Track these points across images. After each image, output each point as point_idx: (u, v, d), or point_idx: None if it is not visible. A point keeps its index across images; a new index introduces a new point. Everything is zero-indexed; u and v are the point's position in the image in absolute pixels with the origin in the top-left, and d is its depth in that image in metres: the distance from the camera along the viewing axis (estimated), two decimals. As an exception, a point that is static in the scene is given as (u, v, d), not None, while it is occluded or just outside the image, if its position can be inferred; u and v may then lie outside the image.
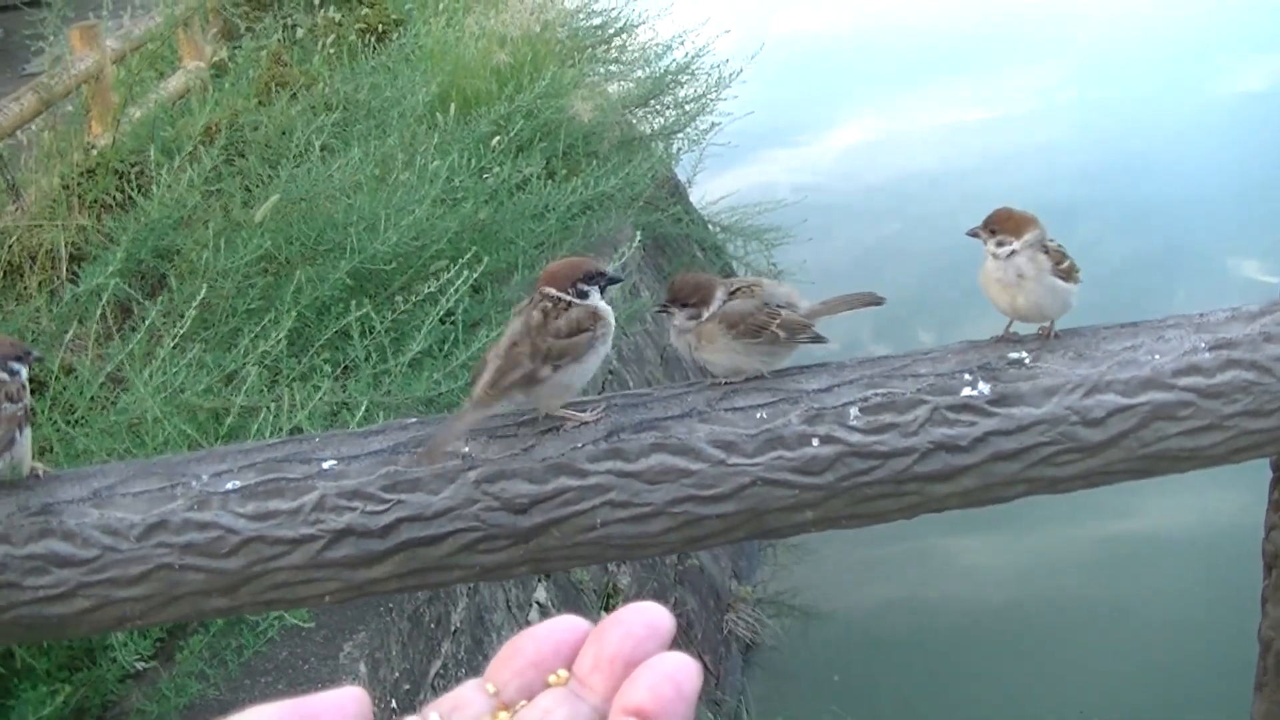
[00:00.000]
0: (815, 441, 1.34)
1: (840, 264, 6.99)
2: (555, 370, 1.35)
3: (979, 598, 4.54)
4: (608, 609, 3.78)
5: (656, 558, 4.06)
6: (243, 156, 3.78)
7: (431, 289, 2.97)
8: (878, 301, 1.52)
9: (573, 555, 1.32)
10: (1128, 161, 8.25)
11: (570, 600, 3.64)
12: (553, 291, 1.35)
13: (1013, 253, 1.44)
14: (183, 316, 2.69)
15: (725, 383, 1.43)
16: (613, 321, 1.36)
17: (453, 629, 3.00)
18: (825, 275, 6.42)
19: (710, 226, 6.41)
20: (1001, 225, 1.46)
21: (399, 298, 3.04)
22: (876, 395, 1.37)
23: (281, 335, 2.71)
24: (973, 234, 1.47)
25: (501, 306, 3.54)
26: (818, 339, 1.48)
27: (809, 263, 6.10)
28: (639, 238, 3.74)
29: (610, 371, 4.30)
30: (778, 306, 1.48)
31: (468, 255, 3.01)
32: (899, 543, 4.57)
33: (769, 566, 4.89)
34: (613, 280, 1.34)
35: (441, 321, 3.10)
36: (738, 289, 1.48)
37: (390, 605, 2.67)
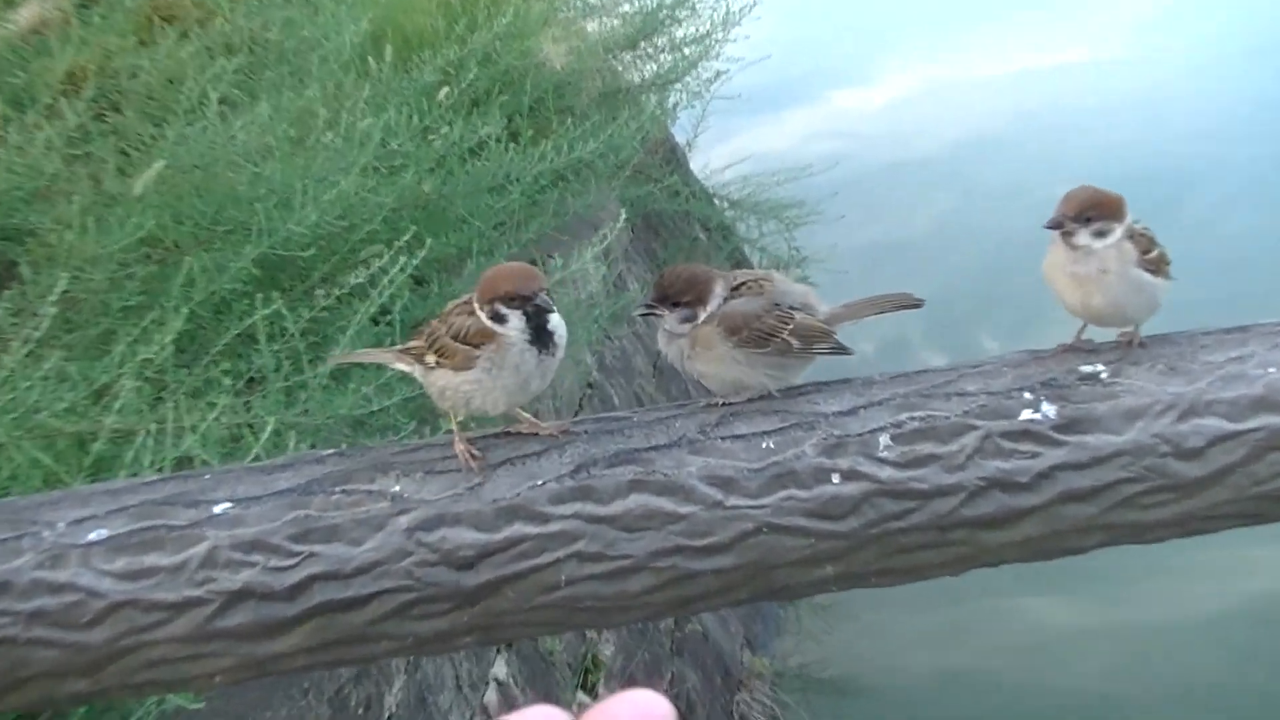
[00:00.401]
0: (836, 477, 1.35)
1: (880, 249, 7.04)
2: (434, 366, 1.45)
3: (1059, 676, 4.52)
4: (586, 688, 3.78)
5: (644, 623, 4.07)
6: (118, 111, 3.78)
7: (361, 280, 2.98)
8: (915, 304, 1.53)
9: (531, 622, 1.33)
10: (1252, 117, 8.02)
11: (539, 676, 3.65)
12: (466, 306, 1.45)
13: (1110, 243, 1.44)
14: (38, 315, 2.69)
15: (724, 402, 1.45)
16: (516, 356, 1.41)
17: (387, 715, 3.00)
18: (861, 263, 6.47)
19: (716, 202, 6.44)
20: (1098, 209, 1.44)
21: (319, 292, 3.05)
22: (913, 419, 1.39)
23: (167, 340, 2.71)
24: (1055, 225, 1.45)
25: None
26: (840, 350, 1.51)
27: (840, 248, 6.15)
28: (625, 216, 3.76)
29: (589, 385, 4.32)
30: (790, 308, 1.49)
31: (407, 238, 3.03)
32: (956, 604, 4.59)
33: (790, 634, 4.90)
34: (539, 310, 1.37)
35: (374, 322, 3.11)
36: (742, 284, 1.50)
37: (306, 685, 2.68)
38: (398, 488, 1.35)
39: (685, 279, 1.49)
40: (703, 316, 1.48)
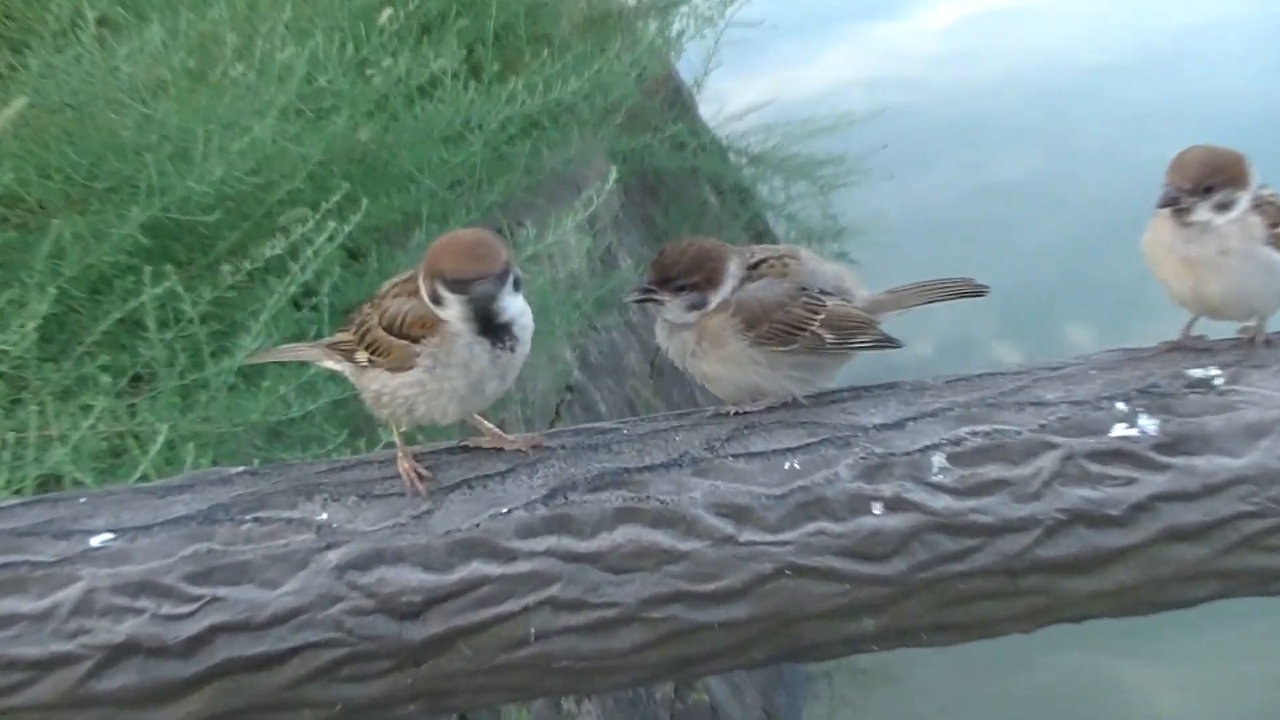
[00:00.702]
0: (878, 507, 1.37)
1: (939, 216, 7.05)
2: (366, 365, 1.47)
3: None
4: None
5: (635, 689, 4.09)
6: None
7: (279, 252, 2.97)
8: (977, 292, 1.55)
9: (492, 686, 1.34)
10: None
11: (498, 758, 3.65)
12: (407, 286, 1.46)
13: (1233, 216, 1.43)
14: None
15: (737, 411, 1.47)
16: (464, 351, 1.41)
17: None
18: (913, 237, 6.48)
19: (731, 157, 6.45)
20: (1219, 175, 1.44)
21: (226, 267, 3.04)
22: (975, 435, 1.40)
23: (29, 326, 2.71)
24: (1170, 202, 1.44)
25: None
26: (884, 343, 1.52)
27: (888, 216, 6.17)
28: (616, 175, 3.77)
29: (569, 388, 4.33)
30: (821, 293, 1.51)
31: (337, 199, 3.03)
32: (1027, 668, 4.61)
33: (822, 701, 4.92)
34: (483, 296, 1.37)
35: (295, 306, 3.12)
36: (761, 262, 1.52)
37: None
38: (325, 515, 1.35)
39: (692, 256, 1.50)
40: (713, 303, 1.49)
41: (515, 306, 1.43)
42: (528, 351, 1.48)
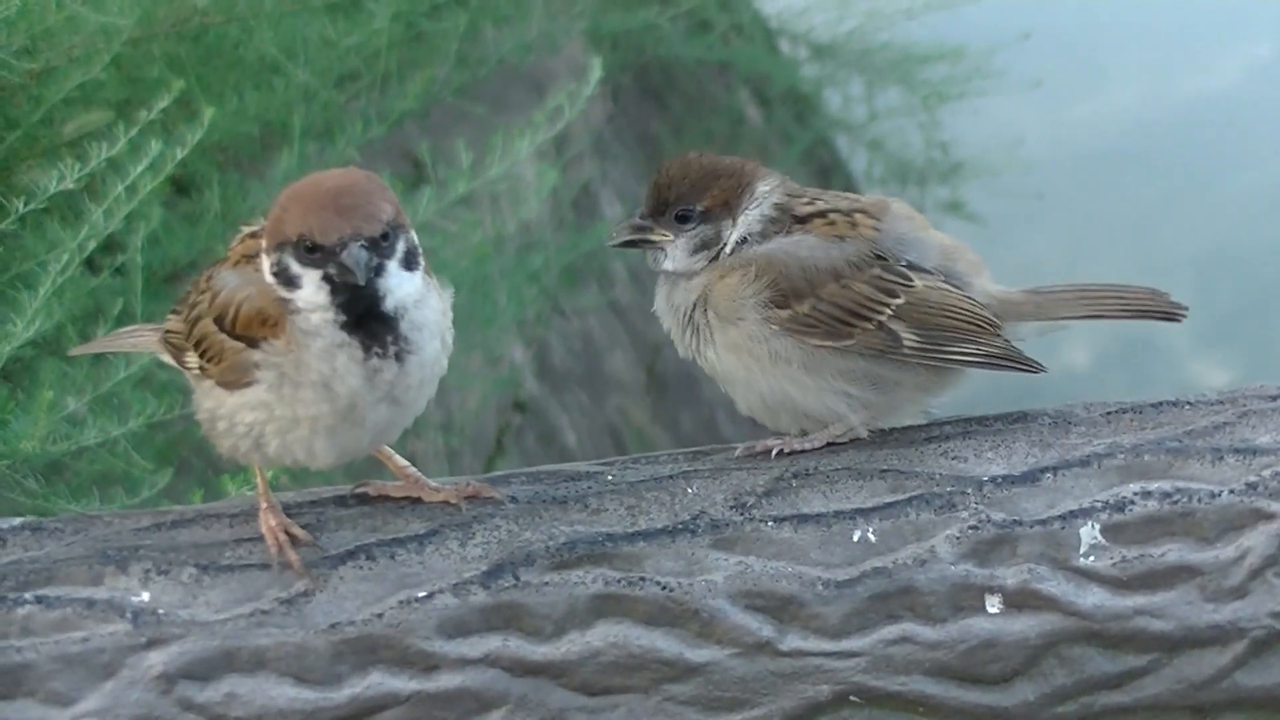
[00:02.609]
0: (994, 604, 1.41)
1: (1110, 151, 6.99)
2: (199, 372, 1.50)
3: None
4: None
5: None
6: None
7: (68, 184, 2.98)
8: (1173, 315, 1.61)
9: None
10: None
11: None
12: (258, 244, 1.50)
13: None
14: None
15: (781, 449, 1.52)
16: (321, 359, 1.43)
17: None
18: (1072, 180, 6.44)
19: (784, 45, 6.41)
20: None
21: (-17, 203, 3.06)
22: (1148, 497, 1.44)
23: None
24: None
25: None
26: (1008, 361, 1.57)
27: (1033, 146, 6.13)
28: (600, 70, 3.78)
29: (518, 406, 4.31)
30: (909, 267, 1.57)
31: (165, 104, 3.04)
32: None
33: None
34: (350, 267, 1.38)
35: (90, 268, 3.13)
36: (818, 215, 1.58)
37: None
38: (145, 596, 1.39)
39: (701, 169, 1.58)
40: (730, 241, 1.55)
41: (406, 288, 1.44)
42: (434, 361, 1.50)
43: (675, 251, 1.55)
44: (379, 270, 1.41)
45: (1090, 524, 1.44)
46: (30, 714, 1.35)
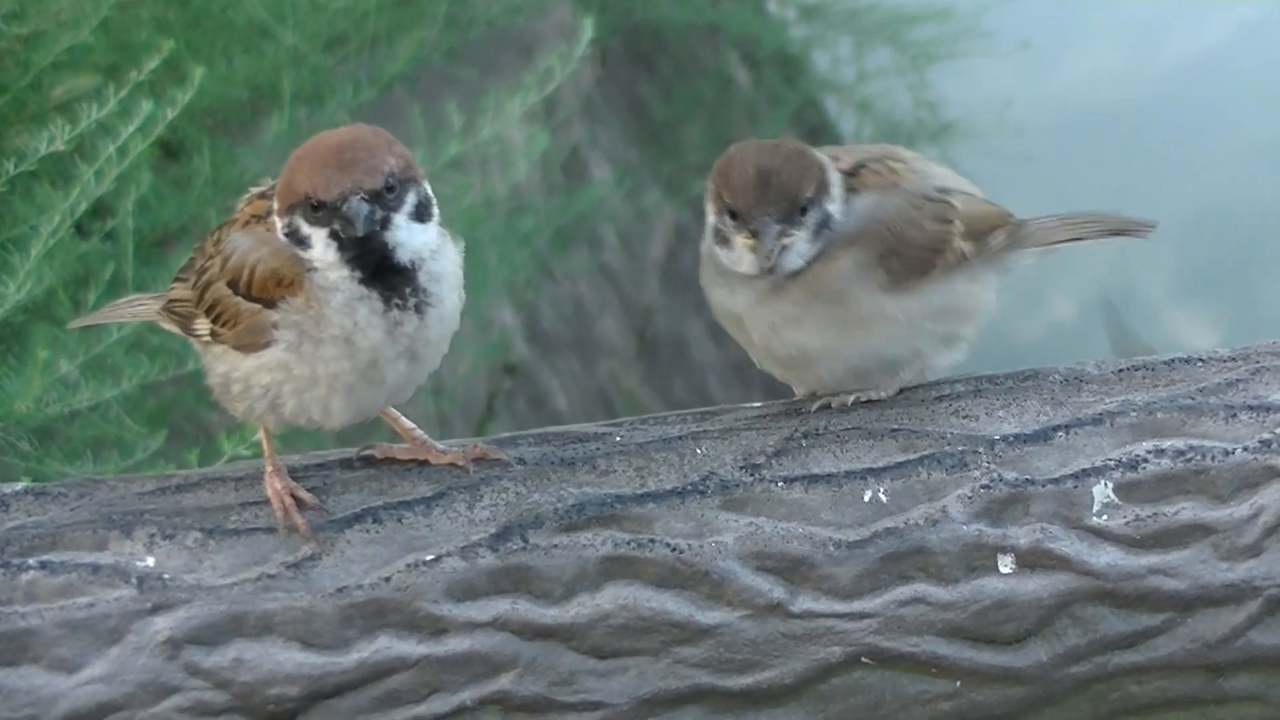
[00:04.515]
0: (1007, 563, 1.41)
1: (1096, 109, 7.00)
2: (209, 339, 1.49)
3: None
4: None
5: None
6: None
7: (58, 146, 2.97)
8: (1136, 230, 1.65)
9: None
10: None
11: None
12: (266, 204, 1.49)
13: None
14: None
15: (824, 404, 1.53)
16: (342, 314, 1.42)
17: None
18: (1059, 139, 6.44)
19: (773, 6, 6.40)
20: None
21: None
22: (1160, 455, 1.44)
23: None
24: None
25: (232, 200, 3.56)
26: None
27: (1022, 106, 6.12)
28: (590, 32, 3.77)
29: (509, 370, 4.31)
30: (941, 191, 1.59)
31: (153, 65, 3.02)
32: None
33: None
34: (356, 220, 1.37)
35: (80, 232, 3.12)
36: (861, 167, 1.59)
37: None
38: (150, 561, 1.38)
39: (795, 155, 1.55)
40: (837, 217, 1.55)
41: (419, 240, 1.44)
42: (452, 316, 1.50)
43: (800, 246, 1.53)
44: (385, 223, 1.40)
45: (1103, 482, 1.44)
46: (35, 680, 1.34)
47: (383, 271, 1.42)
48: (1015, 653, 1.41)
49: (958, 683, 1.41)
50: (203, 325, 1.51)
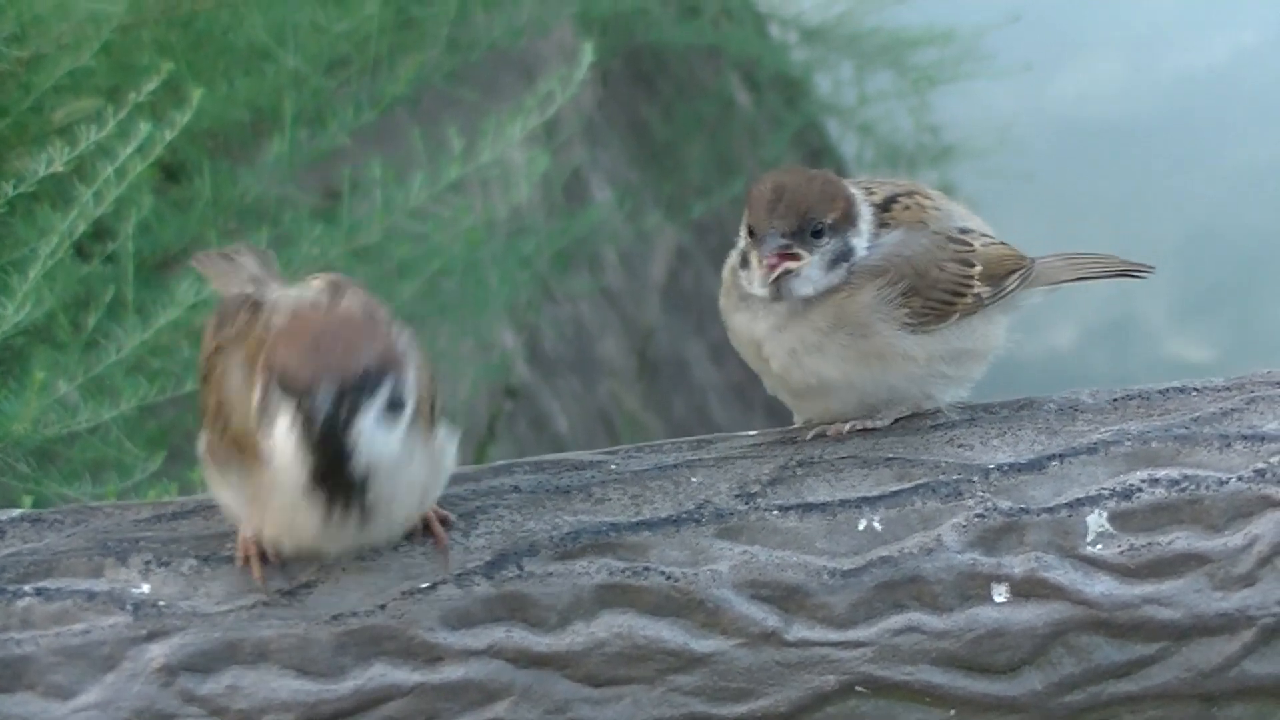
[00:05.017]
0: (1001, 593, 1.41)
1: (1096, 129, 6.99)
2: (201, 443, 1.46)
3: None
4: None
5: None
6: None
7: (57, 168, 2.97)
8: (1136, 273, 1.69)
9: None
10: None
11: None
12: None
13: None
14: None
15: (815, 432, 1.54)
16: (287, 499, 1.36)
17: None
18: (1061, 160, 6.44)
19: (774, 30, 6.40)
20: None
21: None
22: (1155, 484, 1.44)
23: None
24: None
25: (233, 223, 3.56)
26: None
27: (1023, 127, 6.13)
28: (591, 55, 3.77)
29: (510, 393, 4.31)
30: (962, 231, 1.61)
31: (152, 86, 3.03)
32: None
33: None
34: (306, 416, 1.30)
35: (79, 255, 3.13)
36: (893, 201, 1.60)
37: None
38: (146, 588, 1.38)
39: (820, 180, 1.56)
40: (860, 249, 1.55)
41: (380, 448, 1.34)
42: (409, 518, 1.43)
43: (812, 272, 1.53)
44: (346, 423, 1.31)
45: (1097, 512, 1.44)
46: (31, 707, 1.34)
47: (333, 473, 1.33)
48: (1010, 681, 1.41)
49: (952, 711, 1.41)
50: (209, 433, 1.46)
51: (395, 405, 1.34)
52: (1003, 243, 1.61)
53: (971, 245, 1.58)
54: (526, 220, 4.40)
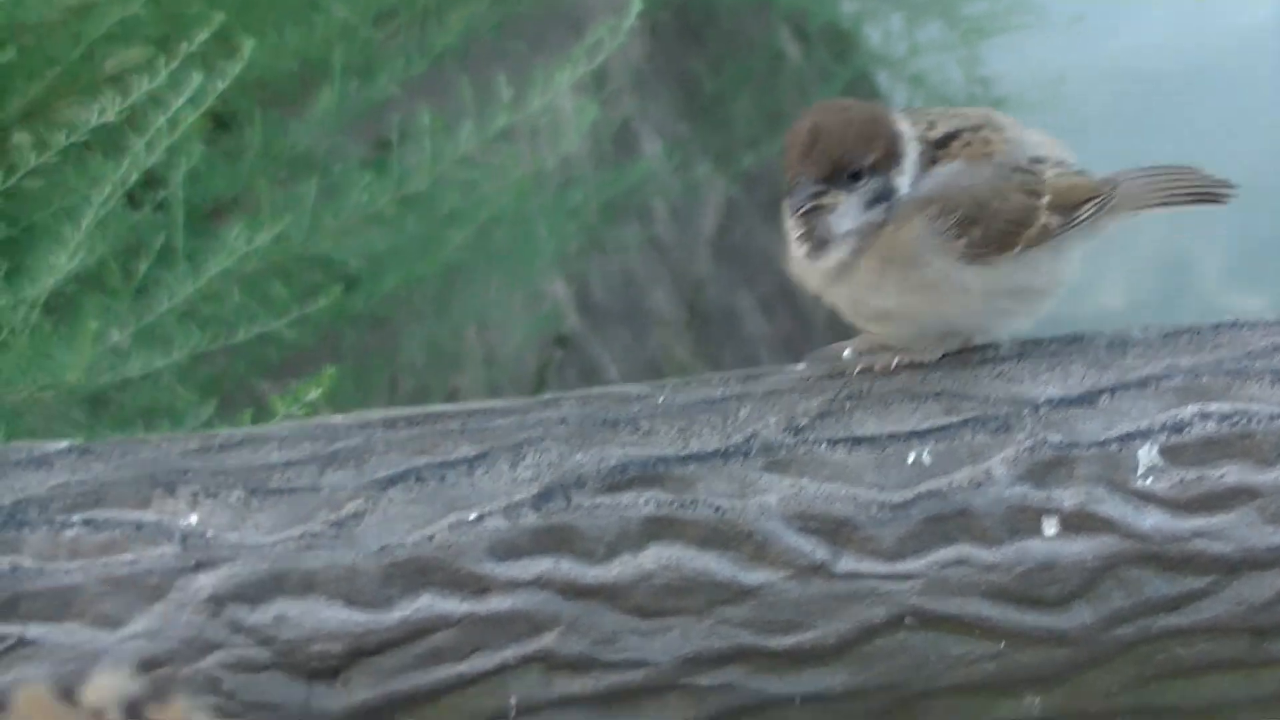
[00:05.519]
0: (1051, 526, 1.40)
1: (1155, 81, 6.96)
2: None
3: None
4: None
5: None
6: None
7: (108, 118, 2.98)
8: (1217, 196, 1.66)
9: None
10: None
11: None
12: None
13: None
14: None
15: (862, 366, 1.53)
16: None
17: None
18: (1117, 114, 6.40)
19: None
20: None
21: (22, 138, 3.05)
22: (1207, 418, 1.43)
23: None
24: None
25: (284, 172, 3.57)
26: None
27: (1077, 79, 6.08)
28: (639, 5, 3.76)
29: (559, 340, 4.31)
30: (1033, 161, 1.58)
31: (203, 37, 3.03)
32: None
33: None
34: None
35: (131, 203, 3.14)
36: (952, 137, 1.57)
37: None
38: (194, 519, 1.39)
39: (860, 122, 1.53)
40: (904, 188, 1.53)
41: None
42: None
43: (849, 212, 1.50)
44: None
45: (1148, 446, 1.42)
46: (79, 636, 1.35)
47: None
48: (1060, 615, 1.40)
49: (1002, 644, 1.40)
50: None
51: None
52: (1080, 171, 1.59)
53: (1040, 175, 1.55)
54: (575, 171, 4.39)
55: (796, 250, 1.54)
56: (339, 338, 3.45)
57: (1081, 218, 1.57)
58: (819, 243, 1.51)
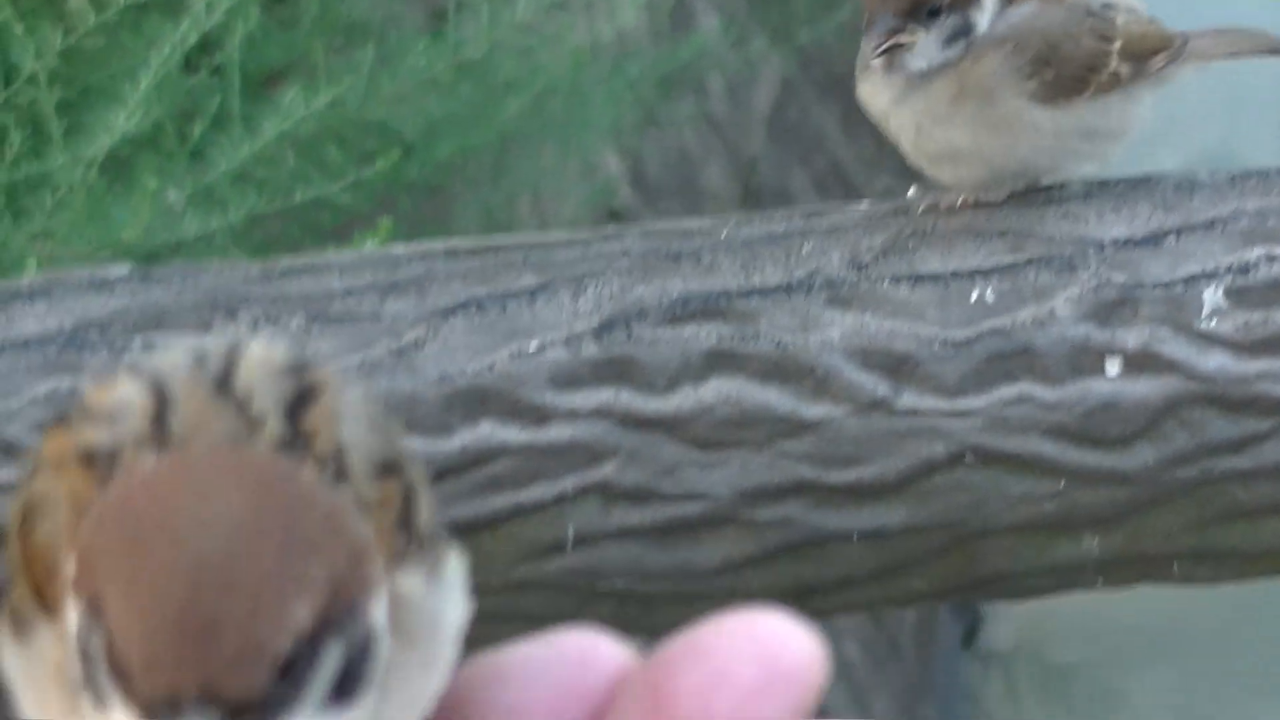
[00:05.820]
0: (1114, 366, 1.39)
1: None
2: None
3: None
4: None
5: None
6: None
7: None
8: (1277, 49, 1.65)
9: (505, 612, 1.38)
10: None
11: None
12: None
13: None
14: None
15: (927, 204, 1.52)
16: None
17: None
18: None
19: None
20: None
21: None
22: (1270, 260, 1.42)
23: None
24: None
25: (339, 39, 3.57)
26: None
27: None
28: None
29: (613, 214, 4.30)
30: (1105, 6, 1.57)
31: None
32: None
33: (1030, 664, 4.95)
34: None
35: (188, 66, 3.14)
36: None
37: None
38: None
39: None
40: (983, 24, 1.52)
41: None
42: None
43: (927, 48, 1.49)
44: None
45: (1213, 287, 1.42)
46: (139, 459, 1.36)
47: None
48: (1121, 454, 1.40)
49: (1062, 483, 1.40)
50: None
51: (354, 669, 0.51)
52: (1150, 20, 1.57)
53: (1113, 20, 1.54)
54: (632, 45, 4.37)
55: (870, 61, 1.52)
56: (393, 204, 3.46)
57: (1153, 68, 1.56)
58: (896, 67, 1.51)
